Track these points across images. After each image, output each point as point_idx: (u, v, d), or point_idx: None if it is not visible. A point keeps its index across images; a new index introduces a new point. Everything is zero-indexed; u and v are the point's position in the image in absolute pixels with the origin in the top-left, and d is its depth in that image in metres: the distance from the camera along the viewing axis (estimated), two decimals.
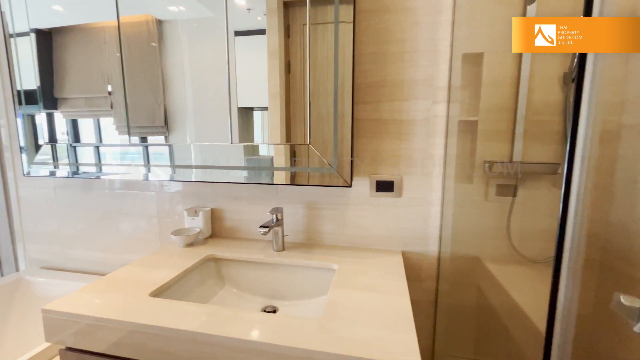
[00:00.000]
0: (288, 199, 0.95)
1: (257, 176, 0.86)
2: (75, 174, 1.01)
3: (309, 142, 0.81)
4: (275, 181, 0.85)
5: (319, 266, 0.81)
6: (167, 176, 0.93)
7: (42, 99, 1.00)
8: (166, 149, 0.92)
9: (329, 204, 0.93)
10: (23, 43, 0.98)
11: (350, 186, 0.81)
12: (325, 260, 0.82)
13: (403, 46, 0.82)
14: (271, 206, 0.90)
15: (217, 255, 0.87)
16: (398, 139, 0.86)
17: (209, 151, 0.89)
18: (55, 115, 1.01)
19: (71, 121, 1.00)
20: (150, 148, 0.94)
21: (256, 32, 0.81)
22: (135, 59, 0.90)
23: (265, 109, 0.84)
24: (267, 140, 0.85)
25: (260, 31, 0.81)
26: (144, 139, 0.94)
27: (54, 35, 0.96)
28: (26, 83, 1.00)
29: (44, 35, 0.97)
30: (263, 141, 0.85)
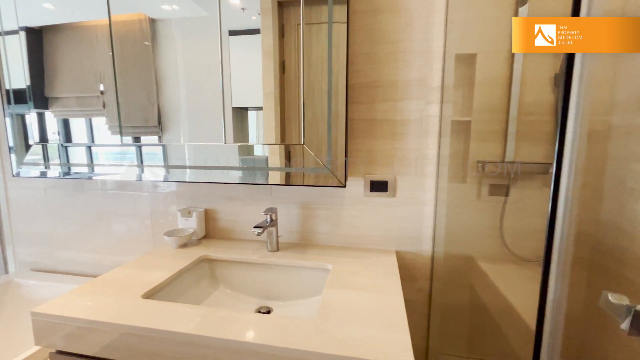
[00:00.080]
0: (282, 199, 0.95)
1: (252, 176, 0.85)
2: (66, 174, 1.00)
3: (303, 142, 0.81)
4: (269, 181, 0.85)
5: (313, 266, 0.81)
6: (161, 176, 0.92)
7: (33, 98, 0.98)
8: (160, 149, 0.92)
9: (323, 204, 0.93)
10: (12, 41, 0.97)
11: (345, 186, 0.81)
12: (319, 261, 0.82)
13: (396, 47, 0.82)
14: (265, 206, 0.90)
15: (211, 256, 0.87)
16: (392, 139, 0.86)
17: (203, 151, 0.88)
18: (46, 114, 0.99)
19: (62, 121, 0.99)
20: (143, 148, 0.93)
21: (250, 32, 0.81)
22: (128, 58, 0.89)
23: (260, 108, 0.83)
24: (262, 140, 0.84)
25: (254, 31, 0.80)
26: (137, 139, 0.93)
27: (44, 34, 0.95)
28: (15, 82, 0.99)
29: (34, 34, 0.95)
30: (258, 141, 0.85)
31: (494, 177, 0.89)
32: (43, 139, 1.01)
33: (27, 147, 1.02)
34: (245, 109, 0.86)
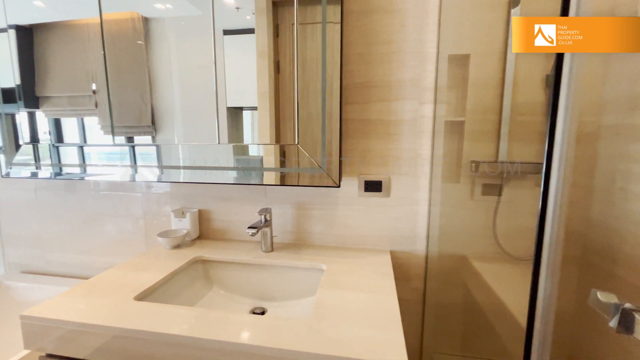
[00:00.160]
0: (277, 199, 0.94)
1: (246, 177, 0.85)
2: (58, 175, 0.99)
3: (297, 143, 0.81)
4: (264, 182, 0.84)
5: (307, 266, 0.81)
6: (155, 177, 0.91)
7: (23, 97, 0.96)
8: (153, 149, 0.91)
9: (317, 204, 0.93)
10: (1, 39, 0.95)
11: (339, 186, 0.81)
12: (313, 261, 0.82)
13: (390, 47, 0.82)
14: (260, 207, 0.90)
15: (205, 256, 0.86)
16: (386, 139, 0.86)
17: (197, 151, 0.88)
18: (36, 114, 0.98)
19: (54, 120, 0.98)
20: (137, 148, 0.92)
21: (245, 32, 0.81)
22: (121, 57, 0.88)
23: (255, 108, 0.83)
24: (257, 140, 0.84)
25: (249, 30, 0.80)
26: (131, 139, 0.92)
27: (35, 32, 0.93)
28: (4, 81, 0.97)
29: (24, 32, 0.94)
30: (253, 141, 0.85)
31: (487, 177, 0.90)
32: (34, 139, 0.99)
33: (17, 147, 1.00)
34: (240, 109, 0.85)
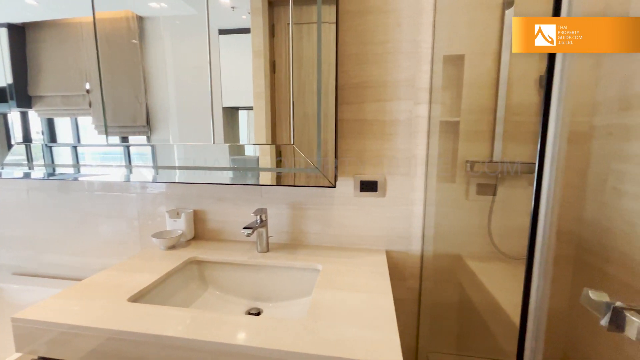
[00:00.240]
0: (272, 199, 0.94)
1: (242, 177, 0.85)
2: (51, 175, 0.97)
3: (293, 143, 0.81)
4: (260, 182, 0.84)
5: (303, 267, 0.81)
6: (150, 177, 0.90)
7: (15, 96, 0.95)
8: (148, 149, 0.90)
9: (313, 204, 0.92)
10: None
11: (335, 186, 0.81)
12: (309, 261, 0.82)
13: (386, 47, 0.82)
14: (255, 207, 0.89)
15: (200, 257, 0.86)
16: (381, 140, 0.86)
17: (192, 152, 0.87)
18: (29, 113, 0.96)
19: (47, 120, 0.97)
20: (132, 148, 0.91)
21: (241, 31, 0.80)
22: (115, 57, 0.87)
23: (251, 108, 0.83)
24: (253, 140, 0.84)
25: (245, 30, 0.80)
26: (125, 139, 0.91)
27: (27, 30, 0.92)
28: None
29: (16, 30, 0.93)
30: (249, 141, 0.84)
31: (482, 177, 0.91)
32: (26, 139, 0.98)
33: (9, 147, 0.99)
34: (236, 109, 0.85)
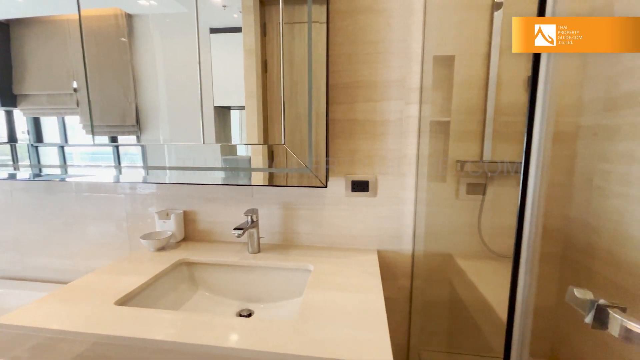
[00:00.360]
0: (264, 200, 0.94)
1: (233, 177, 0.84)
2: (37, 176, 0.95)
3: (284, 143, 0.80)
4: (251, 182, 0.84)
5: (294, 267, 0.81)
6: (139, 178, 0.89)
7: None
8: (138, 149, 0.89)
9: (304, 204, 0.92)
10: None
11: (326, 186, 0.81)
12: (301, 261, 0.82)
13: (376, 47, 0.83)
14: (246, 207, 0.89)
15: (190, 259, 0.85)
16: (373, 140, 0.87)
17: (183, 152, 0.86)
18: (14, 112, 0.94)
19: (32, 119, 0.94)
20: (121, 149, 0.90)
21: (232, 30, 0.80)
22: (103, 55, 0.86)
23: (243, 108, 0.82)
24: (245, 140, 0.83)
25: (236, 29, 0.79)
26: (115, 139, 0.90)
27: (11, 27, 0.90)
28: None
29: (0, 27, 0.90)
30: (241, 141, 0.84)
31: (472, 176, 0.92)
32: (11, 139, 0.96)
33: None
34: (228, 109, 0.84)
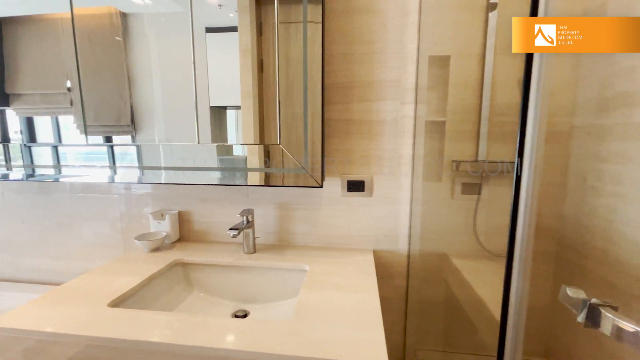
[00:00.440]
0: (259, 200, 0.93)
1: (229, 177, 0.84)
2: (30, 176, 0.94)
3: (279, 142, 0.80)
4: (247, 182, 0.83)
5: (290, 267, 0.81)
6: (134, 178, 0.88)
7: None
8: (133, 149, 0.88)
9: (300, 204, 0.92)
10: None
11: (322, 186, 0.80)
12: (296, 262, 0.82)
13: (372, 47, 0.83)
14: (241, 208, 0.88)
15: (185, 259, 0.84)
16: (368, 140, 0.87)
17: (179, 152, 0.86)
18: (6, 112, 0.93)
19: (25, 119, 0.93)
20: (116, 148, 0.89)
21: (228, 29, 0.79)
22: (98, 54, 0.85)
23: (239, 108, 0.82)
24: (241, 140, 0.83)
25: (232, 28, 0.79)
26: (109, 139, 0.89)
27: (3, 26, 0.89)
28: None
29: None
30: (237, 141, 0.83)
31: (467, 176, 0.92)
32: (4, 139, 0.94)
33: None
34: (224, 108, 0.84)
